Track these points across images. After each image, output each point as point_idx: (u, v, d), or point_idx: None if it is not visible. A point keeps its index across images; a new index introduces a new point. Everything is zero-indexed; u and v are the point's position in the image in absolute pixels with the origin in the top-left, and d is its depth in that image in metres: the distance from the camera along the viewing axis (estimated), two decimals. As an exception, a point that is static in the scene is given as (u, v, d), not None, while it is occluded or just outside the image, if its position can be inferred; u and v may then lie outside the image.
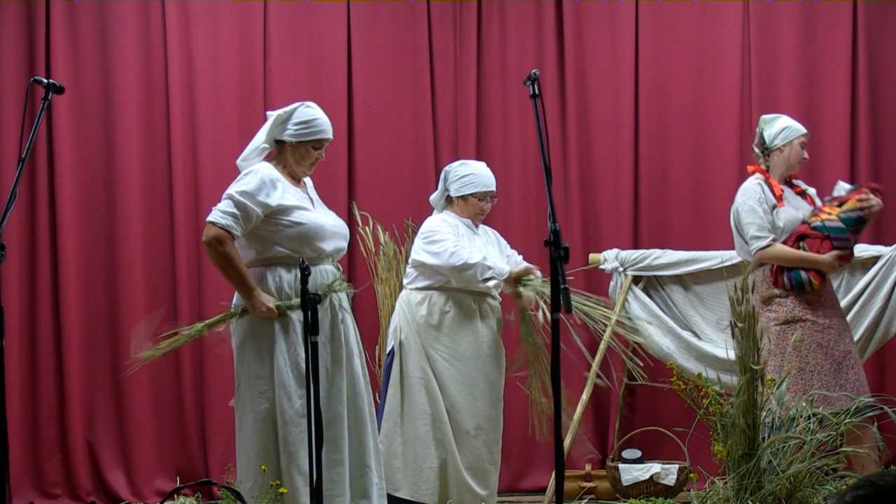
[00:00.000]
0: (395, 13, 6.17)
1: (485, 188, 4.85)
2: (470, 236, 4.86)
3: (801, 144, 4.95)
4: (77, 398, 5.86)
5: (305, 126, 4.22)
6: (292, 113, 4.23)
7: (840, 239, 4.78)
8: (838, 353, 4.75)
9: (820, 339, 4.76)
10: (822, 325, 4.76)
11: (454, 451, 4.79)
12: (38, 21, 5.87)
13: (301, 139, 4.22)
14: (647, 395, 6.05)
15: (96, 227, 5.94)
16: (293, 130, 4.21)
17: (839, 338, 4.77)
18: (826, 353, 4.74)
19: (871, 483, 2.01)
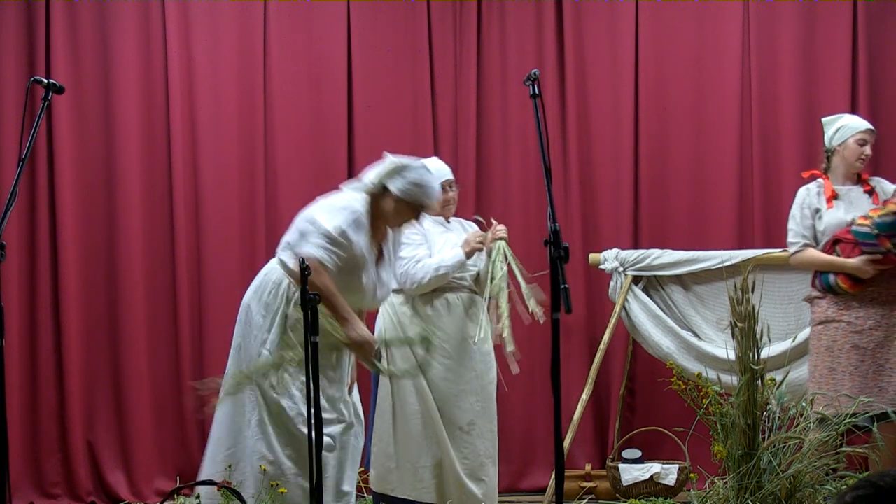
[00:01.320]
0: (395, 13, 6.17)
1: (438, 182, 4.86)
2: (438, 234, 4.87)
3: (859, 142, 4.85)
4: (77, 398, 5.86)
5: (421, 190, 4.07)
6: (412, 169, 4.08)
7: (866, 244, 4.66)
8: (880, 356, 4.66)
9: (857, 341, 4.66)
10: (860, 326, 4.67)
11: (449, 450, 4.79)
12: (38, 21, 5.87)
13: (409, 200, 4.08)
14: (647, 395, 6.05)
15: (96, 227, 5.95)
16: (407, 188, 4.05)
17: (884, 340, 4.67)
18: (862, 355, 4.65)
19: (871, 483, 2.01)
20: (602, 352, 5.71)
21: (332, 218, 3.97)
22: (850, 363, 4.67)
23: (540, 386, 6.01)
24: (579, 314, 6.05)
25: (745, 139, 6.10)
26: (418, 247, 4.80)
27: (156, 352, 5.96)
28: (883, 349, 4.67)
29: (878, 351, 4.66)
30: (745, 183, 6.09)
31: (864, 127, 4.89)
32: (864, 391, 4.59)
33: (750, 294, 4.36)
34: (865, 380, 4.62)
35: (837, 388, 4.63)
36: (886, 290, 4.71)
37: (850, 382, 4.62)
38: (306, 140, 6.08)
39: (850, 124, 4.90)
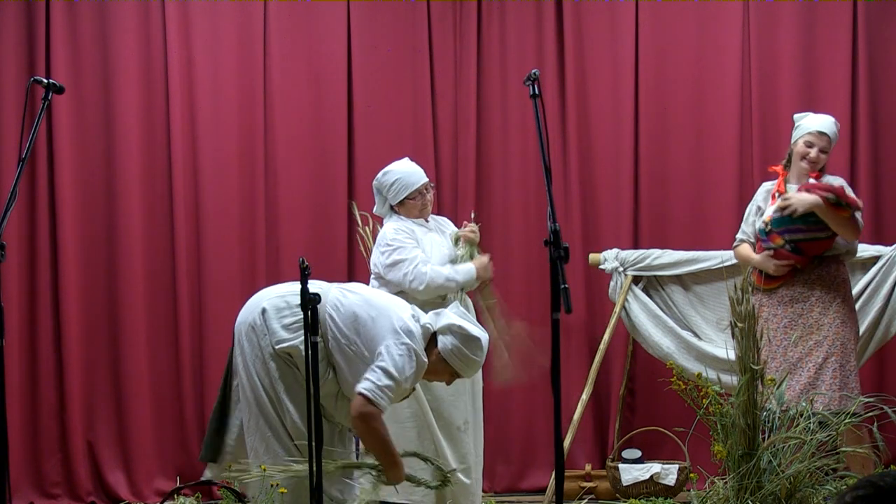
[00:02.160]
0: (395, 13, 6.16)
1: (414, 186, 4.86)
2: (422, 236, 4.88)
3: (806, 143, 4.90)
4: (77, 398, 5.86)
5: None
6: (468, 338, 4.04)
7: (763, 240, 4.87)
8: (791, 354, 4.76)
9: (769, 336, 4.79)
10: (775, 324, 4.80)
11: (445, 451, 4.78)
12: (38, 21, 5.87)
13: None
14: (647, 395, 6.05)
15: (96, 227, 5.95)
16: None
17: (799, 340, 4.75)
18: (773, 352, 4.78)
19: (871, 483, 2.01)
20: (602, 352, 5.71)
21: (405, 363, 3.87)
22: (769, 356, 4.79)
23: (540, 386, 6.01)
24: (579, 314, 6.05)
25: (745, 139, 6.10)
26: (413, 248, 4.80)
27: (156, 351, 5.96)
28: (796, 348, 4.76)
29: (791, 349, 4.76)
30: (745, 183, 6.08)
31: (814, 129, 4.91)
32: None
33: (750, 294, 4.36)
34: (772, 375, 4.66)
35: None
36: (803, 290, 4.81)
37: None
38: (306, 140, 6.08)
39: (804, 124, 4.96)
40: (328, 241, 6.05)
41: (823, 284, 4.80)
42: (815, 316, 4.77)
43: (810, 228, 4.75)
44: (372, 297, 4.06)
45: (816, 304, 4.78)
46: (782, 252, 4.79)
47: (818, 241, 4.78)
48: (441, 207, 5.91)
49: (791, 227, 4.77)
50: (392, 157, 5.14)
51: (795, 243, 4.77)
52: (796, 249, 4.78)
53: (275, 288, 4.20)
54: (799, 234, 4.76)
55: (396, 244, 4.79)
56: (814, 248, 4.79)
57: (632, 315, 5.75)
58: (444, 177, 6.09)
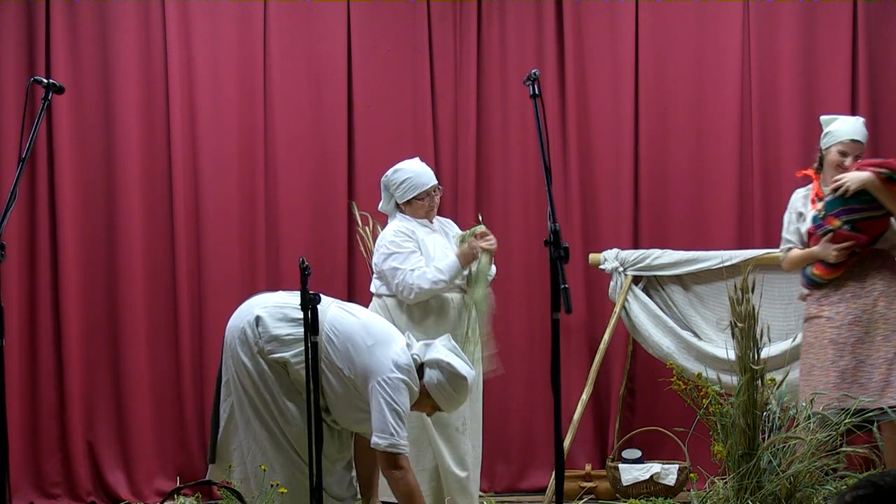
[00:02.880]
0: (395, 13, 6.16)
1: (424, 188, 4.86)
2: (425, 236, 4.87)
3: (840, 152, 4.81)
4: (77, 398, 5.86)
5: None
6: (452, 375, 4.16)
7: (818, 226, 4.75)
8: (860, 352, 4.64)
9: (834, 336, 4.67)
10: (839, 321, 4.67)
11: (442, 451, 4.78)
12: (38, 21, 5.87)
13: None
14: (647, 395, 6.05)
15: (96, 227, 5.94)
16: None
17: (865, 336, 4.64)
18: (841, 350, 4.65)
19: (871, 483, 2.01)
20: (602, 352, 5.71)
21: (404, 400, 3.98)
22: (828, 359, 4.66)
23: (540, 386, 6.01)
24: (579, 314, 6.05)
25: (745, 139, 6.10)
26: (410, 254, 4.79)
27: (156, 351, 5.96)
28: (864, 345, 4.65)
29: (859, 346, 4.64)
30: (745, 183, 6.08)
31: (848, 138, 4.82)
32: (841, 387, 4.58)
33: (750, 294, 4.36)
34: (843, 375, 4.60)
35: (816, 384, 4.63)
36: (864, 284, 4.70)
37: (826, 378, 4.62)
38: (306, 140, 6.08)
39: (836, 131, 4.86)
40: (328, 241, 6.04)
41: (883, 279, 4.69)
42: (881, 310, 4.66)
43: (864, 208, 4.65)
44: (370, 324, 4.10)
45: (880, 298, 4.66)
46: (841, 233, 4.66)
47: (875, 220, 4.67)
48: (441, 207, 5.89)
49: (845, 207, 4.67)
50: (392, 156, 5.16)
51: (853, 223, 4.67)
52: (854, 229, 4.67)
53: (269, 297, 4.22)
54: (854, 213, 4.66)
55: (394, 248, 4.78)
56: (871, 228, 4.67)
57: (632, 315, 5.74)
58: (444, 177, 6.09)
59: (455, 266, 4.80)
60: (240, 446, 4.12)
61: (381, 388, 3.91)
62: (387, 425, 3.89)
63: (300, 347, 3.91)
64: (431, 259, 4.82)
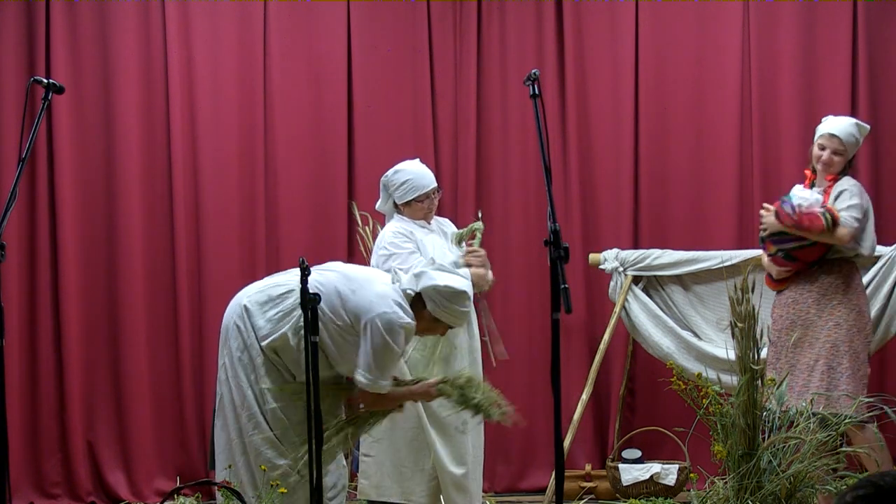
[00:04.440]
0: (395, 13, 6.16)
1: (423, 190, 4.84)
2: (423, 237, 4.86)
3: (818, 146, 4.87)
4: (77, 398, 5.86)
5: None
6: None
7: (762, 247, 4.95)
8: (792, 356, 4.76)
9: (775, 338, 4.84)
10: (780, 325, 4.83)
11: (438, 450, 4.78)
12: (38, 21, 5.87)
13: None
14: (647, 395, 6.05)
15: (96, 227, 5.95)
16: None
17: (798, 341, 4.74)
18: (778, 352, 4.80)
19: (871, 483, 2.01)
20: (602, 352, 5.71)
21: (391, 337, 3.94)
22: (769, 359, 4.82)
23: (540, 386, 6.01)
24: (579, 314, 6.05)
25: (745, 139, 6.10)
26: (410, 255, 4.78)
27: (156, 351, 5.96)
28: (795, 349, 4.76)
29: (792, 350, 4.77)
30: (745, 183, 6.08)
31: (825, 132, 4.89)
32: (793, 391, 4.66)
33: (750, 294, 4.36)
34: (779, 377, 4.67)
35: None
36: (803, 290, 4.81)
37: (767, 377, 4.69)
38: (306, 140, 6.08)
39: (819, 127, 4.95)
40: (328, 241, 6.04)
41: (822, 286, 4.78)
42: (811, 317, 4.77)
43: (795, 238, 4.77)
44: (349, 272, 4.11)
45: (813, 305, 4.78)
46: (777, 259, 4.84)
47: (808, 248, 4.77)
48: (441, 207, 5.89)
49: (779, 236, 4.81)
50: (392, 156, 5.16)
51: (787, 251, 4.80)
52: (788, 257, 4.81)
53: (254, 284, 4.23)
54: (787, 243, 4.80)
55: (393, 249, 4.77)
56: (806, 255, 4.79)
57: (632, 315, 5.75)
58: (444, 177, 6.09)
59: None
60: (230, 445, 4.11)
61: (371, 327, 3.91)
62: (369, 365, 3.91)
63: (290, 321, 3.95)
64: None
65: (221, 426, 4.12)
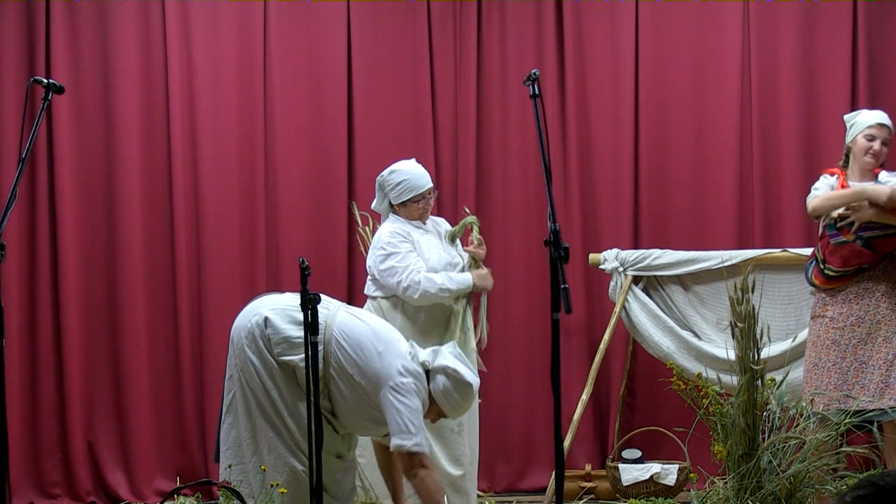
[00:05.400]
0: (395, 13, 6.16)
1: (419, 190, 4.84)
2: (420, 237, 4.86)
3: (866, 137, 4.77)
4: (77, 398, 5.86)
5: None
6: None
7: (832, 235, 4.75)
8: (862, 353, 4.64)
9: (837, 337, 4.67)
10: (842, 322, 4.67)
11: (435, 451, 4.78)
12: (38, 21, 5.87)
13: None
14: (647, 395, 6.05)
15: (96, 227, 5.95)
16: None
17: (867, 337, 4.64)
18: (843, 351, 4.65)
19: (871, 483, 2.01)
20: (602, 352, 5.71)
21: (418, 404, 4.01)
22: (830, 360, 4.67)
23: (540, 386, 6.01)
24: (579, 314, 6.05)
25: (745, 139, 6.10)
26: (408, 254, 4.78)
27: (156, 351, 5.96)
28: (866, 346, 4.65)
29: (861, 347, 4.65)
30: (745, 183, 6.08)
31: (873, 122, 4.80)
32: (842, 388, 4.58)
33: (750, 294, 4.36)
34: (846, 376, 4.61)
35: (818, 384, 4.63)
36: (868, 286, 4.70)
37: (828, 378, 4.63)
38: (306, 139, 6.08)
39: (860, 120, 4.85)
40: (328, 241, 6.05)
41: (889, 279, 4.68)
42: (883, 311, 4.65)
43: (880, 226, 4.65)
44: (379, 330, 4.14)
45: (883, 299, 4.66)
46: (854, 247, 4.67)
47: (889, 238, 4.67)
48: (441, 207, 5.91)
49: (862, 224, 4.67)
50: (392, 156, 5.16)
51: (867, 239, 4.67)
52: (868, 245, 4.68)
53: (276, 298, 4.23)
54: (870, 230, 4.66)
55: (391, 248, 4.78)
56: (886, 245, 4.67)
57: (632, 315, 5.74)
58: (444, 177, 6.09)
59: (467, 284, 4.84)
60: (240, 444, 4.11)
61: (395, 392, 3.94)
62: (406, 426, 3.94)
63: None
64: (427, 260, 4.82)
65: (231, 424, 4.13)
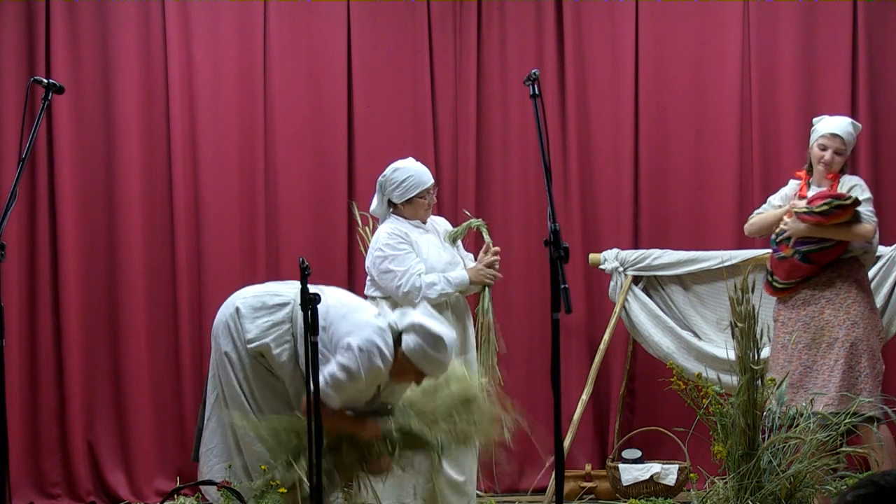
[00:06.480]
0: (395, 13, 6.16)
1: (425, 185, 4.84)
2: (418, 238, 4.85)
3: (819, 146, 4.89)
4: (77, 398, 5.86)
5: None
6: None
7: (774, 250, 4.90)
8: (806, 357, 4.74)
9: (784, 341, 4.80)
10: (790, 327, 4.80)
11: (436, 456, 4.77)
12: (38, 21, 5.87)
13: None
14: (647, 395, 6.05)
15: (96, 227, 5.95)
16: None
17: (812, 342, 4.73)
18: (790, 355, 4.77)
19: (872, 483, 2.01)
20: (602, 352, 5.71)
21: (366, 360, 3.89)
22: (779, 363, 4.78)
23: (540, 386, 6.01)
24: (579, 314, 6.05)
25: (745, 139, 6.10)
26: (407, 255, 4.77)
27: (156, 351, 5.96)
28: (810, 351, 4.74)
29: (805, 352, 4.75)
30: (745, 183, 6.08)
31: (827, 131, 4.90)
32: (788, 392, 4.63)
33: (750, 294, 4.36)
34: (791, 379, 4.68)
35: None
36: (815, 292, 4.78)
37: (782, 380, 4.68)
38: (306, 139, 6.08)
39: (818, 127, 4.96)
40: (328, 241, 6.05)
41: (834, 286, 4.77)
42: (827, 317, 4.74)
43: (816, 240, 4.75)
44: (343, 297, 4.12)
45: (827, 305, 4.75)
46: (793, 262, 4.78)
47: (827, 250, 4.76)
48: (441, 207, 5.91)
49: (799, 237, 4.78)
50: (392, 156, 5.15)
51: (804, 254, 4.77)
52: (806, 259, 4.77)
53: (250, 288, 4.24)
54: (807, 245, 4.76)
55: (389, 251, 4.76)
56: (824, 257, 4.77)
57: (632, 315, 5.74)
58: (444, 177, 6.09)
59: (464, 283, 4.83)
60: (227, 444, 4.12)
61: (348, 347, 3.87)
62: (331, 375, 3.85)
63: (277, 332, 4.00)
64: (426, 260, 4.81)
65: (217, 422, 4.15)
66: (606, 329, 5.73)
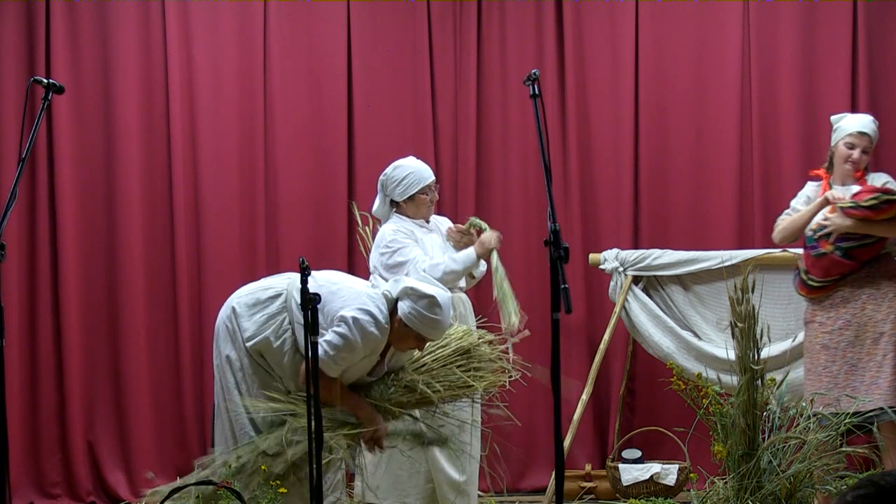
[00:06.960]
0: (395, 13, 6.17)
1: (426, 181, 4.85)
2: (423, 236, 4.86)
3: (846, 145, 4.84)
4: (77, 398, 5.86)
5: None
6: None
7: (811, 246, 4.81)
8: (851, 356, 4.68)
9: (826, 341, 4.71)
10: (830, 326, 4.71)
11: (438, 458, 4.77)
12: (38, 21, 5.87)
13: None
14: (647, 395, 6.05)
15: (96, 227, 5.95)
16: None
17: (855, 340, 4.68)
18: (833, 355, 4.69)
19: (872, 483, 2.01)
20: (602, 352, 5.71)
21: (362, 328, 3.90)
22: (820, 364, 4.72)
23: (540, 386, 6.00)
24: (579, 314, 6.05)
25: (745, 139, 6.10)
26: (413, 248, 4.78)
27: (156, 351, 5.96)
28: (854, 348, 4.69)
29: (850, 350, 4.69)
30: (745, 183, 6.08)
31: (854, 130, 4.85)
32: (833, 391, 4.61)
33: (750, 294, 4.36)
34: (836, 380, 4.65)
35: (812, 388, 4.66)
36: (854, 289, 4.73)
37: (819, 382, 4.66)
38: (306, 139, 6.08)
39: (843, 126, 4.91)
40: (328, 241, 6.05)
41: (872, 282, 4.71)
42: (869, 313, 4.68)
43: (858, 236, 4.70)
44: (332, 276, 4.14)
45: (868, 301, 4.69)
46: (833, 258, 4.72)
47: (868, 247, 4.71)
48: (441, 207, 5.90)
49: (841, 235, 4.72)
50: (392, 157, 5.16)
51: (846, 250, 4.71)
52: (847, 255, 4.72)
53: (245, 287, 4.25)
54: (848, 241, 4.70)
55: (396, 245, 4.78)
56: (865, 254, 4.72)
57: (632, 315, 5.74)
58: (444, 177, 6.09)
59: (471, 258, 4.80)
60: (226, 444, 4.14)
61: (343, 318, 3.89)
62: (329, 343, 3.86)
63: (274, 324, 4.02)
64: (430, 258, 4.81)
65: (220, 427, 4.16)
66: (606, 329, 5.73)
